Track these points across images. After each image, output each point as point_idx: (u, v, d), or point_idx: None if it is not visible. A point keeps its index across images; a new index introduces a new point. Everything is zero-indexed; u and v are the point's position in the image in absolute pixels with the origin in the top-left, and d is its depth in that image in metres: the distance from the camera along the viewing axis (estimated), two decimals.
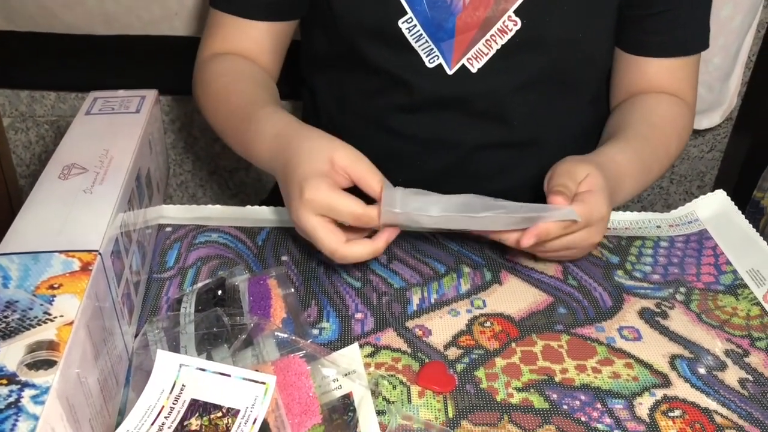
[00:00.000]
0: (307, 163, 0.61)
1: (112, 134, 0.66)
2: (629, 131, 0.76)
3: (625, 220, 0.77)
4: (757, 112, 0.72)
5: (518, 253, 0.70)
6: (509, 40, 0.73)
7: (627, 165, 0.71)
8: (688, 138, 0.83)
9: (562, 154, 0.69)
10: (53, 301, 0.46)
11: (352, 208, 0.59)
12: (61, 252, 0.50)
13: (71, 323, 0.44)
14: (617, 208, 0.76)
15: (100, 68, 1.25)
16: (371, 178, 0.61)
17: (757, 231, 0.73)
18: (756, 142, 1.21)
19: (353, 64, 0.80)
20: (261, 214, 0.76)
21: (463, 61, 0.75)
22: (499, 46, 0.74)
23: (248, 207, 0.76)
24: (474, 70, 0.75)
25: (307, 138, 0.64)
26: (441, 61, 0.75)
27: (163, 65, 1.21)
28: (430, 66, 0.76)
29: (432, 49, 0.75)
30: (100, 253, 0.50)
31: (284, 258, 0.69)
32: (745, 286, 0.67)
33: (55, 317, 0.44)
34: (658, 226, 0.76)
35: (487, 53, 0.74)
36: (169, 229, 0.73)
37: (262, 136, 0.68)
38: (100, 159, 0.62)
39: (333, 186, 0.59)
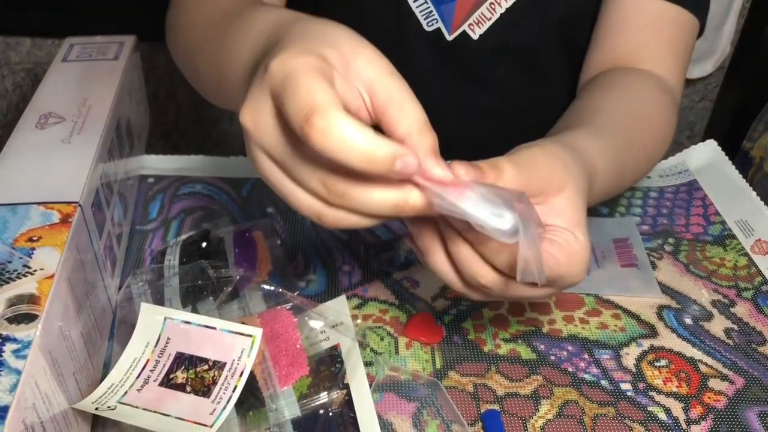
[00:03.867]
0: (296, 43, 0.37)
1: (89, 82, 0.64)
2: (608, 119, 0.58)
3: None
4: (749, 62, 0.71)
5: None
6: (514, 2, 0.69)
7: (603, 168, 0.51)
8: (670, 140, 0.64)
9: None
10: (33, 254, 0.45)
11: (362, 136, 0.33)
12: (39, 204, 0.49)
13: (52, 276, 0.43)
14: None
15: (76, 13, 1.21)
16: (412, 113, 0.36)
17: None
18: (747, 92, 1.20)
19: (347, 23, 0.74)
20: (245, 165, 0.74)
21: (464, 27, 0.71)
22: (503, 10, 0.70)
23: (232, 157, 0.75)
24: (475, 37, 0.71)
25: (310, 21, 0.41)
26: (440, 25, 0.71)
27: (142, 10, 1.17)
28: (428, 30, 0.71)
29: (431, 11, 0.70)
30: (80, 205, 0.49)
31: (270, 210, 0.68)
32: (734, 236, 0.67)
33: (35, 270, 0.43)
34: (648, 177, 0.75)
35: (490, 18, 0.70)
36: (151, 180, 0.72)
37: (248, 34, 0.45)
38: (78, 108, 0.60)
39: (328, 81, 0.35)
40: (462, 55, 0.73)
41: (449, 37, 0.72)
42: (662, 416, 0.51)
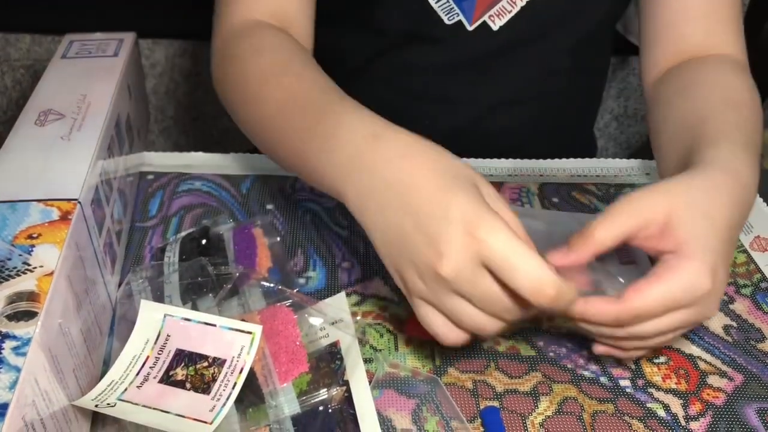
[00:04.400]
0: (460, 190, 0.43)
1: (89, 79, 0.64)
2: (723, 123, 0.55)
3: (614, 167, 0.76)
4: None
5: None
6: None
7: (749, 175, 0.50)
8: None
9: (574, 110, 0.67)
10: (32, 251, 0.45)
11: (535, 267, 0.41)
12: (39, 201, 0.49)
13: (51, 273, 0.43)
14: (607, 156, 0.75)
15: (76, 9, 1.21)
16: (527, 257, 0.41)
17: None
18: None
19: (358, 22, 0.74)
20: (245, 162, 0.74)
21: (484, 18, 0.71)
22: (524, 3, 0.70)
23: (232, 154, 0.75)
24: (495, 28, 0.71)
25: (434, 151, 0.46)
26: (461, 17, 0.71)
27: (143, 6, 1.17)
28: (449, 23, 0.71)
29: (452, 7, 0.70)
30: (79, 202, 0.49)
31: (269, 206, 0.68)
32: None
33: (35, 267, 0.43)
34: (647, 174, 0.75)
35: (511, 11, 0.70)
36: (151, 176, 0.72)
37: (342, 137, 0.49)
38: (78, 105, 0.60)
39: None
40: (481, 46, 0.73)
41: (470, 27, 0.71)
42: (661, 413, 0.51)
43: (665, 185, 0.48)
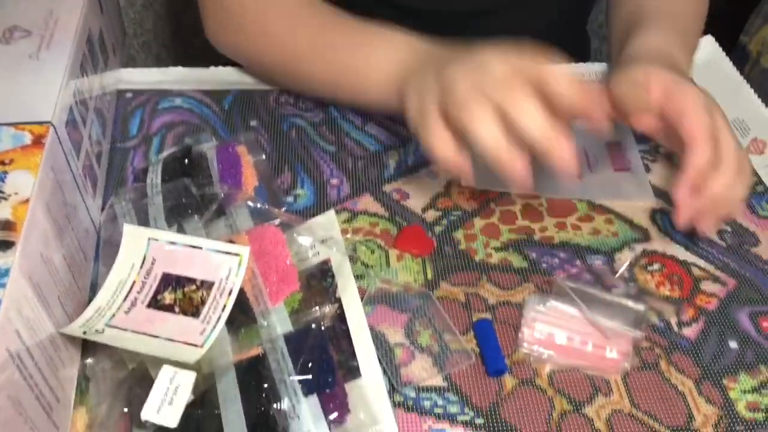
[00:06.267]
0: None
1: None
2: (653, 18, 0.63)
3: (603, 72, 0.74)
4: None
5: None
6: None
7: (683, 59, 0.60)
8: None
9: (565, 8, 0.65)
10: (5, 178, 0.43)
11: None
12: (9, 125, 0.46)
13: (27, 201, 0.41)
14: (601, 58, 0.73)
15: None
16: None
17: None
18: None
19: None
20: (227, 76, 0.71)
21: None
22: None
23: (212, 68, 0.72)
24: None
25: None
26: None
27: None
28: None
29: None
30: (53, 125, 0.47)
31: (253, 123, 0.66)
32: None
33: (9, 195, 0.42)
34: None
35: None
36: (129, 95, 0.69)
37: (389, 41, 0.57)
38: (45, 20, 0.57)
39: None
40: None
41: None
42: (654, 319, 0.51)
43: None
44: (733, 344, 0.50)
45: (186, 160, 0.57)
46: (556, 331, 0.49)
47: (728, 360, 0.49)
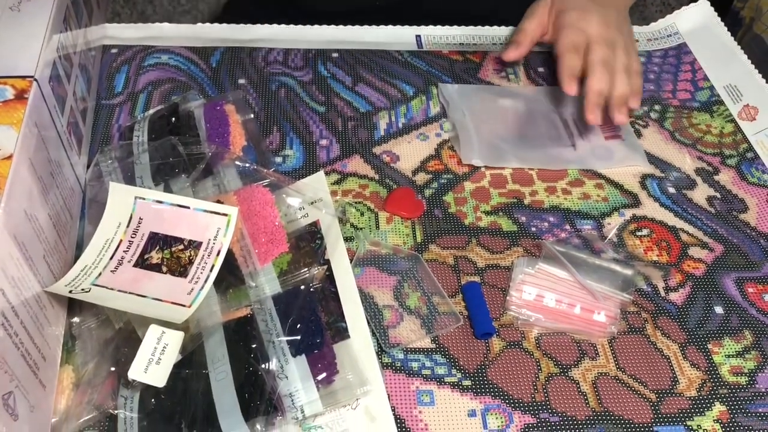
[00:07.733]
0: None
1: None
2: None
3: None
4: None
5: (490, 72, 0.67)
6: None
7: None
8: None
9: None
10: None
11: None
12: None
13: (10, 157, 0.41)
14: None
15: None
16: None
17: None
18: None
19: None
20: (214, 33, 0.70)
21: None
22: None
23: (200, 24, 0.70)
24: None
25: None
26: None
27: None
28: None
29: None
30: (35, 79, 0.46)
31: (241, 81, 0.65)
32: (721, 102, 0.66)
33: None
34: (636, 40, 0.72)
35: None
36: (114, 50, 0.67)
37: None
38: None
39: None
40: None
41: None
42: (642, 284, 0.51)
43: None
44: (718, 309, 0.50)
45: (173, 119, 0.56)
46: (544, 293, 0.49)
47: (713, 325, 0.49)
